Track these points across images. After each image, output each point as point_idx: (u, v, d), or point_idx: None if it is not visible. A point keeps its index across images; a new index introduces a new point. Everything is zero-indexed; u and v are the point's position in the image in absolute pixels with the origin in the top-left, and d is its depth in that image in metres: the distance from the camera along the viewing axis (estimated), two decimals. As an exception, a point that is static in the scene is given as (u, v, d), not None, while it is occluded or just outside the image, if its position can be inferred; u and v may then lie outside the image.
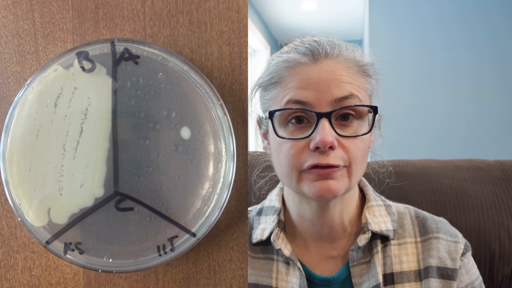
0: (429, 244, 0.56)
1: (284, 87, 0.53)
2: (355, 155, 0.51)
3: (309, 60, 0.53)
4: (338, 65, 0.52)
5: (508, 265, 0.71)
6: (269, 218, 0.60)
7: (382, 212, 0.58)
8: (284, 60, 0.54)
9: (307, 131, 0.51)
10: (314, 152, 0.50)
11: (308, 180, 0.51)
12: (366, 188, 0.61)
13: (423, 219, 0.59)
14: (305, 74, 0.52)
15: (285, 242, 0.57)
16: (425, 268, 0.55)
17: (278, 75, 0.55)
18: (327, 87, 0.51)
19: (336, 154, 0.50)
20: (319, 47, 0.53)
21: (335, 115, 0.51)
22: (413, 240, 0.57)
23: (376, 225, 0.56)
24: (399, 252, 0.56)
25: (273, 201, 0.62)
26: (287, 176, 0.53)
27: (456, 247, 0.56)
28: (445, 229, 0.58)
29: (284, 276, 0.56)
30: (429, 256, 0.55)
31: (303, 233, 0.58)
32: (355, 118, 0.52)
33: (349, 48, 0.55)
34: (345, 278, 0.55)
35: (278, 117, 0.53)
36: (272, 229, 0.57)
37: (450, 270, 0.54)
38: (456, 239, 0.57)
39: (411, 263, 0.55)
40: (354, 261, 0.55)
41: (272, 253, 0.57)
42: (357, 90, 0.52)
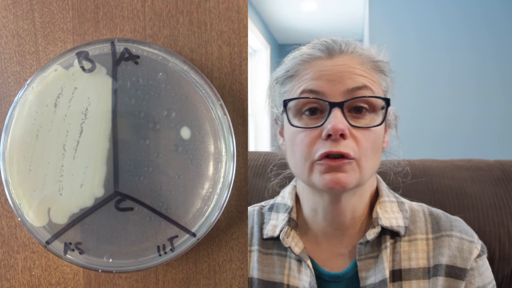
0: (441, 242, 0.56)
1: (300, 79, 0.55)
2: (366, 147, 0.51)
3: (324, 55, 0.55)
4: (353, 59, 0.54)
5: (508, 265, 0.71)
6: (280, 216, 0.60)
7: (394, 208, 0.58)
8: (300, 55, 0.57)
9: (320, 122, 0.52)
10: (326, 141, 0.51)
11: (318, 171, 0.51)
12: (380, 184, 0.62)
13: (436, 216, 0.59)
14: (319, 67, 0.54)
15: (296, 240, 0.57)
16: (434, 266, 0.54)
17: (294, 68, 0.56)
18: (340, 78, 0.52)
19: (347, 143, 0.50)
20: (335, 44, 0.55)
21: (348, 106, 0.52)
22: (424, 237, 0.57)
23: (386, 221, 0.56)
24: (408, 249, 0.55)
25: (286, 199, 0.62)
26: (300, 167, 0.54)
27: (470, 247, 0.56)
28: (459, 227, 0.58)
29: (296, 273, 0.56)
30: (439, 254, 0.55)
31: (315, 229, 0.59)
32: (368, 111, 0.53)
33: (364, 47, 0.57)
34: (353, 274, 0.56)
35: (293, 108, 0.55)
36: (282, 227, 0.58)
37: (459, 270, 0.54)
38: (471, 238, 0.57)
39: (420, 260, 0.55)
40: (361, 255, 0.55)
41: (285, 249, 0.58)
42: (371, 83, 0.53)
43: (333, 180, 0.50)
